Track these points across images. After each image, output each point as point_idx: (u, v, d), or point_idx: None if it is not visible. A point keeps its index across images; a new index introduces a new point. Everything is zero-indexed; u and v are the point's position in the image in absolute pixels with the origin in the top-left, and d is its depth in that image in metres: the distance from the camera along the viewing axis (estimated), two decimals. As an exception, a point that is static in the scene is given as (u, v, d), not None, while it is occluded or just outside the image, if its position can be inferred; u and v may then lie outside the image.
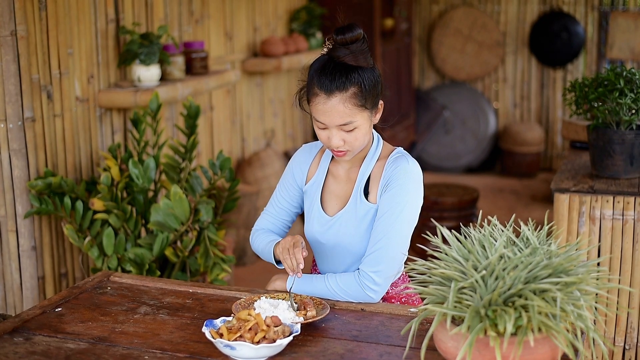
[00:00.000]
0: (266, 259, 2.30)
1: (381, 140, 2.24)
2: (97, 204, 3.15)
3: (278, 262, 2.24)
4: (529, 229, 1.70)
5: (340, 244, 2.21)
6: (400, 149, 2.23)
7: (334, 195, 2.25)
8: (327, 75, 2.05)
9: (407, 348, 1.71)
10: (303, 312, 1.98)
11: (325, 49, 2.10)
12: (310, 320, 1.95)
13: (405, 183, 2.11)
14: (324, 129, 2.10)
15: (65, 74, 3.38)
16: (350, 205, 2.19)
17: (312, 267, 2.44)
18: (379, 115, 2.17)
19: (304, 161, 2.33)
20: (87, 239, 3.16)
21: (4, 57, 3.03)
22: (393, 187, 2.12)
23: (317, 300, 2.08)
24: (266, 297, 2.06)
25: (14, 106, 3.08)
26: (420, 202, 2.16)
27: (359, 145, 2.11)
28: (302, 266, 2.10)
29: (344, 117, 2.05)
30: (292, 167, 2.34)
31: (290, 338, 1.79)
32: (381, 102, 2.15)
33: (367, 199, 2.17)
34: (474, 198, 4.94)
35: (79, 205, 3.15)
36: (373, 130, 2.24)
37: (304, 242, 2.15)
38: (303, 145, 2.38)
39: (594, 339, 1.52)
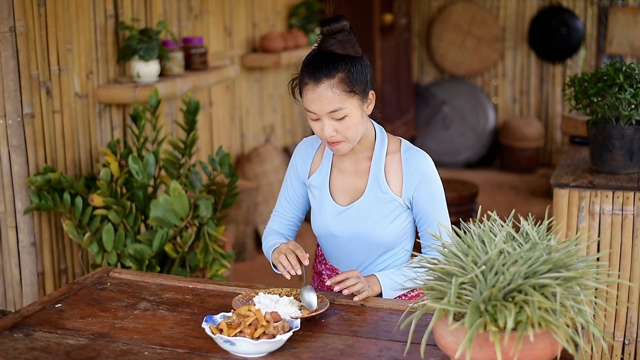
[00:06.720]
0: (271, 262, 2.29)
1: (384, 132, 2.25)
2: (96, 199, 3.15)
3: (275, 266, 2.23)
4: (528, 224, 1.70)
5: (358, 235, 2.21)
6: (406, 141, 2.26)
7: (341, 189, 2.26)
8: (315, 64, 2.08)
9: (408, 343, 1.70)
10: (306, 311, 1.98)
11: (316, 44, 2.14)
12: (310, 315, 1.95)
13: (432, 179, 2.21)
14: (316, 120, 2.11)
15: (64, 69, 3.38)
16: (368, 195, 2.20)
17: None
18: (371, 107, 2.17)
19: (306, 154, 2.32)
20: (87, 234, 3.16)
21: (3, 53, 3.02)
22: (424, 185, 2.19)
23: (317, 295, 2.08)
24: (264, 293, 2.07)
25: (13, 102, 3.07)
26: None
27: (352, 135, 2.11)
28: (302, 265, 2.10)
29: (333, 103, 2.06)
30: (295, 162, 2.34)
31: (290, 334, 1.79)
32: (372, 92, 2.15)
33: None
34: (473, 193, 4.94)
35: (79, 201, 3.15)
36: (374, 122, 2.25)
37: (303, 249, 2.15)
38: (304, 139, 2.38)
39: (593, 334, 1.52)
